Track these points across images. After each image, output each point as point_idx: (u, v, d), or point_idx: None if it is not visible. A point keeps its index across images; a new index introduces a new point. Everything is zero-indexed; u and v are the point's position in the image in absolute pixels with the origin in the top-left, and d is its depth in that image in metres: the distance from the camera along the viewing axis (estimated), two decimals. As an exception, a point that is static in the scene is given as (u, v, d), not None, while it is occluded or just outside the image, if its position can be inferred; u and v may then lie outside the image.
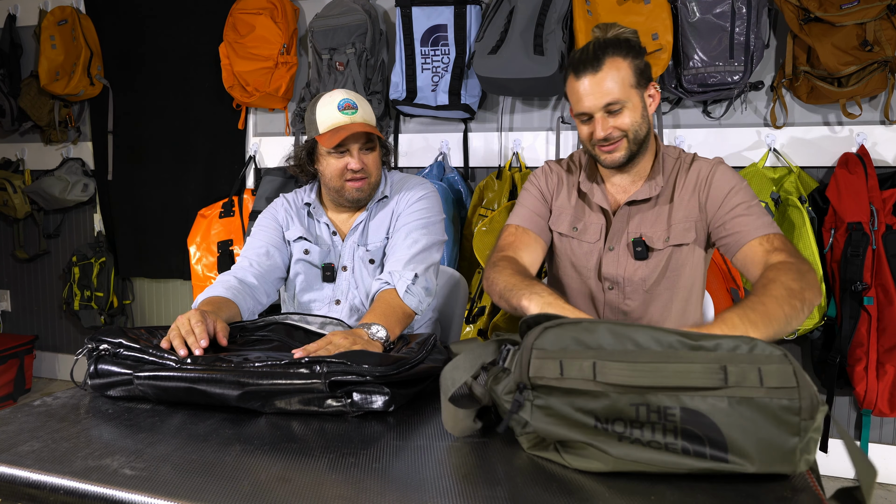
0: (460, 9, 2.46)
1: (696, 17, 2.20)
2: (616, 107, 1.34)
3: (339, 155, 1.53)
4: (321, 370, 0.96)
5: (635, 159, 1.42)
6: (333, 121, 1.51)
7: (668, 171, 1.46)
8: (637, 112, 1.36)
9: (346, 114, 1.51)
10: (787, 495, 0.72)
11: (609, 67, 1.33)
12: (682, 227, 1.41)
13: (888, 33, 2.05)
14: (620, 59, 1.34)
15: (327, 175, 1.56)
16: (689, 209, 1.42)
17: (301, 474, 0.79)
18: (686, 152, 1.50)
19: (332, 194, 1.60)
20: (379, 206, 1.63)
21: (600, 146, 1.38)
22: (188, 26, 3.04)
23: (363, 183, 1.55)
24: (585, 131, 1.40)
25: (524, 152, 2.61)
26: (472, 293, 2.43)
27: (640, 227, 1.44)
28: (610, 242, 1.46)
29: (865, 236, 2.09)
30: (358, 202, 1.59)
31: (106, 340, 1.07)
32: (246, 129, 3.04)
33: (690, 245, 1.42)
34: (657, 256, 1.43)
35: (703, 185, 1.41)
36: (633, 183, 1.46)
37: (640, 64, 1.37)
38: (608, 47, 1.34)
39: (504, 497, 0.73)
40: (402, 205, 1.61)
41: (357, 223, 1.61)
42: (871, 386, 2.14)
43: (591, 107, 1.35)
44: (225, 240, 2.76)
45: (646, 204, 1.44)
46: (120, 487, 0.75)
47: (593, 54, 1.34)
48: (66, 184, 3.24)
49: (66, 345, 3.59)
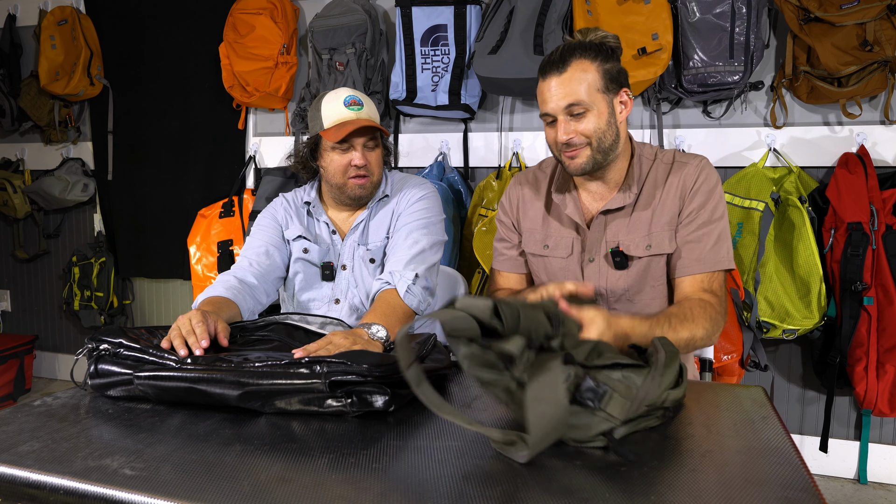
0: (460, 9, 2.46)
1: (696, 17, 2.20)
2: (579, 109, 1.30)
3: (343, 151, 1.53)
4: (321, 370, 0.96)
5: (605, 167, 1.38)
6: (339, 116, 1.52)
7: (644, 175, 1.41)
8: (602, 118, 1.32)
9: (352, 109, 1.52)
10: (788, 495, 0.72)
11: (574, 69, 1.30)
12: (666, 236, 1.37)
13: (888, 33, 2.05)
14: (588, 61, 1.30)
15: (330, 171, 1.56)
16: (672, 214, 1.38)
17: (301, 474, 0.79)
18: (663, 150, 1.45)
19: (333, 191, 1.60)
20: (380, 206, 1.63)
21: (564, 151, 1.34)
22: (188, 26, 3.04)
23: (366, 181, 1.55)
24: (551, 134, 1.36)
25: (524, 152, 2.61)
26: (471, 293, 2.43)
27: (617, 236, 1.40)
28: (589, 254, 1.42)
29: (865, 236, 2.09)
30: (360, 200, 1.59)
31: (106, 340, 1.07)
32: (246, 129, 3.04)
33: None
34: (638, 265, 1.39)
35: (689, 192, 1.37)
36: (608, 191, 1.42)
37: (610, 69, 1.32)
38: (576, 50, 1.31)
39: (504, 497, 0.73)
40: (402, 204, 1.61)
41: (358, 222, 1.61)
42: (871, 386, 2.14)
43: (554, 108, 1.32)
44: (225, 240, 2.76)
45: (621, 212, 1.40)
46: (120, 487, 0.75)
47: (560, 56, 1.32)
48: (66, 184, 3.24)
49: (66, 345, 3.59)
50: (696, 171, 1.38)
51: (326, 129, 1.52)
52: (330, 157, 1.55)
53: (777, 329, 2.17)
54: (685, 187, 1.37)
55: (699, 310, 1.27)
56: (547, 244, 1.47)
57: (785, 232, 2.19)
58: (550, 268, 1.47)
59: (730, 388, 1.17)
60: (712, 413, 0.99)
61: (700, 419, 0.96)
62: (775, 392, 2.43)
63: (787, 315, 2.15)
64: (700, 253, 1.34)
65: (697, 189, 1.37)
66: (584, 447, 0.85)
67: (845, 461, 2.39)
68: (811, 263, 2.13)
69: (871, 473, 2.36)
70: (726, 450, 0.85)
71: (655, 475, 0.76)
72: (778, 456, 0.82)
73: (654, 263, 1.39)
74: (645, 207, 1.39)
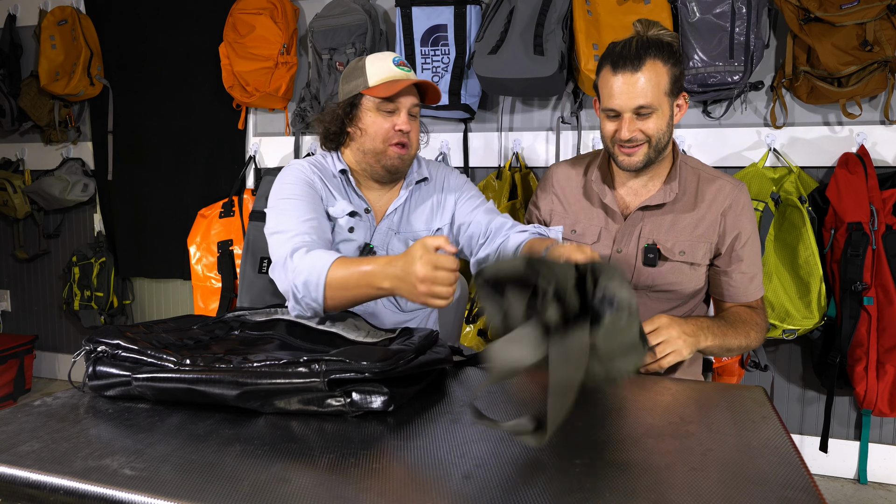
0: (460, 9, 2.46)
1: (696, 17, 2.20)
2: (647, 111, 1.31)
3: (388, 113, 1.41)
4: (319, 368, 0.96)
5: (652, 164, 1.40)
6: (388, 73, 1.40)
7: (685, 179, 1.43)
8: (664, 120, 1.33)
9: (402, 69, 1.41)
10: (788, 495, 0.72)
11: (649, 69, 1.29)
12: (701, 249, 1.40)
13: (888, 33, 2.05)
14: (661, 63, 1.30)
15: (370, 134, 1.42)
16: (711, 227, 1.40)
17: (301, 474, 0.79)
18: (703, 163, 1.49)
19: (368, 160, 1.44)
20: (419, 189, 1.52)
21: (621, 146, 1.35)
22: (188, 26, 3.04)
23: (406, 151, 1.43)
24: (610, 128, 1.36)
25: (524, 152, 2.61)
26: (471, 293, 2.43)
27: (653, 234, 1.42)
28: (618, 244, 1.44)
29: (865, 236, 2.09)
30: (395, 173, 1.46)
31: (103, 342, 1.07)
32: (246, 129, 3.04)
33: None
34: (666, 266, 1.41)
35: (731, 211, 1.40)
36: (644, 187, 1.44)
37: (676, 72, 1.33)
38: (651, 48, 1.30)
39: (504, 497, 0.73)
40: (452, 190, 1.54)
41: (395, 206, 1.49)
42: (871, 386, 2.14)
43: (622, 105, 1.31)
44: (225, 240, 2.76)
45: (659, 210, 1.42)
46: (120, 488, 0.75)
47: (636, 52, 1.29)
48: (66, 184, 3.24)
49: (66, 345, 3.59)
50: (744, 196, 1.43)
51: (373, 86, 1.38)
52: (372, 118, 1.41)
53: (777, 329, 2.17)
54: (728, 207, 1.41)
55: (750, 319, 1.41)
56: (575, 229, 1.49)
57: (785, 232, 2.19)
58: None
59: (730, 388, 1.17)
60: (712, 413, 0.99)
61: (700, 419, 0.96)
62: (775, 392, 2.43)
63: (787, 315, 2.15)
64: (752, 285, 1.43)
65: (744, 214, 1.42)
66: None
67: (845, 461, 2.39)
68: (811, 263, 2.13)
69: (871, 473, 2.36)
70: (726, 449, 0.85)
71: (656, 475, 0.76)
72: (778, 456, 0.82)
73: (682, 269, 1.41)
74: (686, 211, 1.41)
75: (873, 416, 2.25)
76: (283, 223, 1.33)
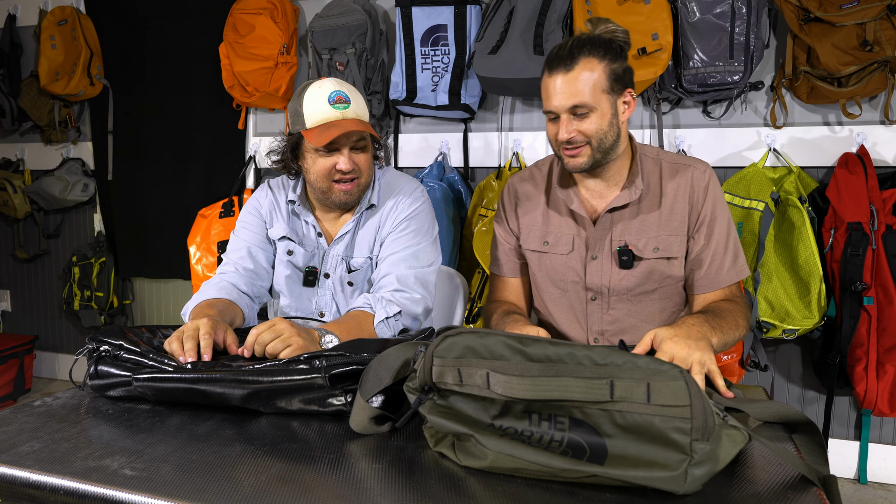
0: (460, 9, 2.46)
1: (696, 17, 2.20)
2: (582, 110, 1.29)
3: (328, 154, 1.39)
4: (320, 364, 0.96)
5: (605, 165, 1.37)
6: (323, 115, 1.36)
7: (648, 174, 1.41)
8: (605, 119, 1.31)
9: (338, 108, 1.36)
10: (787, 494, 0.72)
11: (582, 68, 1.28)
12: (675, 241, 1.38)
13: (888, 33, 2.05)
14: (596, 60, 1.28)
15: (313, 174, 1.43)
16: (681, 218, 1.38)
17: (301, 474, 0.79)
18: (664, 151, 1.45)
19: (317, 194, 1.47)
20: (367, 215, 1.52)
21: (564, 148, 1.34)
22: (188, 26, 3.04)
23: (352, 185, 1.42)
24: (552, 130, 1.36)
25: (524, 152, 2.61)
26: (471, 293, 2.43)
27: (624, 235, 1.39)
28: (592, 251, 1.41)
29: (865, 236, 2.09)
30: (345, 205, 1.48)
31: (106, 342, 1.07)
32: (246, 129, 3.04)
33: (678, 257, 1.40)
34: (643, 265, 1.39)
35: (699, 199, 1.37)
36: (608, 188, 1.41)
37: (616, 68, 1.31)
38: (584, 46, 1.29)
39: (505, 497, 0.73)
40: (389, 222, 1.49)
41: (344, 231, 1.50)
42: (871, 386, 2.14)
43: (558, 106, 1.31)
44: (225, 240, 2.76)
45: (627, 210, 1.39)
46: (120, 488, 0.75)
47: (569, 52, 1.29)
48: (66, 184, 3.24)
49: (66, 345, 3.59)
50: (705, 178, 1.38)
51: (310, 128, 1.37)
52: (313, 158, 1.41)
53: (777, 329, 2.17)
54: (694, 192, 1.38)
55: (734, 309, 1.33)
56: (547, 240, 1.46)
57: (785, 232, 2.19)
58: (550, 265, 1.46)
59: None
60: (712, 413, 0.99)
61: (700, 419, 0.96)
62: (775, 392, 2.43)
63: (787, 315, 2.15)
64: (722, 270, 1.38)
65: (708, 198, 1.38)
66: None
67: (845, 461, 2.39)
68: (811, 263, 2.13)
69: (871, 473, 2.36)
70: (726, 450, 0.85)
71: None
72: (778, 455, 0.82)
73: (659, 265, 1.39)
74: (653, 208, 1.39)
75: (873, 416, 2.25)
76: (227, 251, 1.52)
